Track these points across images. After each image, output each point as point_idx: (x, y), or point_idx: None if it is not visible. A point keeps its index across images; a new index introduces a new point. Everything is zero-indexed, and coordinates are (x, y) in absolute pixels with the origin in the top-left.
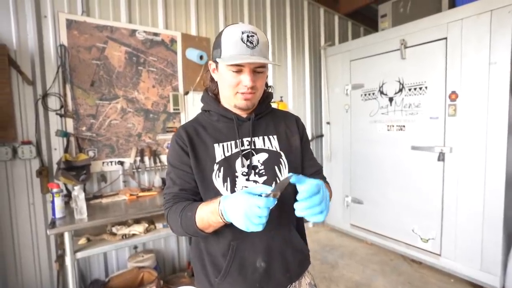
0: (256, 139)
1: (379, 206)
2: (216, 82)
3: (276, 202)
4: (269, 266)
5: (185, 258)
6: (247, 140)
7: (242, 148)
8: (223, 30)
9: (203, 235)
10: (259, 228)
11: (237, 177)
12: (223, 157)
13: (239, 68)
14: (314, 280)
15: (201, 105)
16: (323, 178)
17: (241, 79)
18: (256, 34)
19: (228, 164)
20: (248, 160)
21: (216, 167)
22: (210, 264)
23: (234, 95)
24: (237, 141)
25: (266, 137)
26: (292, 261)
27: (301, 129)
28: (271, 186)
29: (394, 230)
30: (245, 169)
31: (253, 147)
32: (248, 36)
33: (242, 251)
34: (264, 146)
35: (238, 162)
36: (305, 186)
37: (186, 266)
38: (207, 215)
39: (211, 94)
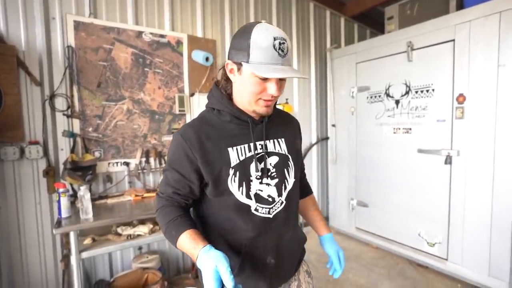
0: (267, 142)
1: (385, 210)
2: (231, 82)
3: None
4: (278, 262)
5: (189, 260)
6: (259, 144)
7: (256, 152)
8: (249, 29)
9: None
10: None
11: (251, 181)
12: (238, 161)
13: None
14: (309, 268)
15: None
16: (305, 175)
17: (266, 87)
18: (286, 41)
19: (243, 169)
20: (262, 164)
21: (231, 171)
22: None
23: (256, 101)
24: (251, 144)
25: (276, 140)
26: (297, 255)
27: (300, 133)
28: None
29: (400, 234)
30: (259, 173)
31: (266, 150)
32: (280, 44)
33: (254, 250)
34: (275, 149)
35: (252, 166)
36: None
37: (190, 268)
38: (186, 249)
39: (224, 93)
